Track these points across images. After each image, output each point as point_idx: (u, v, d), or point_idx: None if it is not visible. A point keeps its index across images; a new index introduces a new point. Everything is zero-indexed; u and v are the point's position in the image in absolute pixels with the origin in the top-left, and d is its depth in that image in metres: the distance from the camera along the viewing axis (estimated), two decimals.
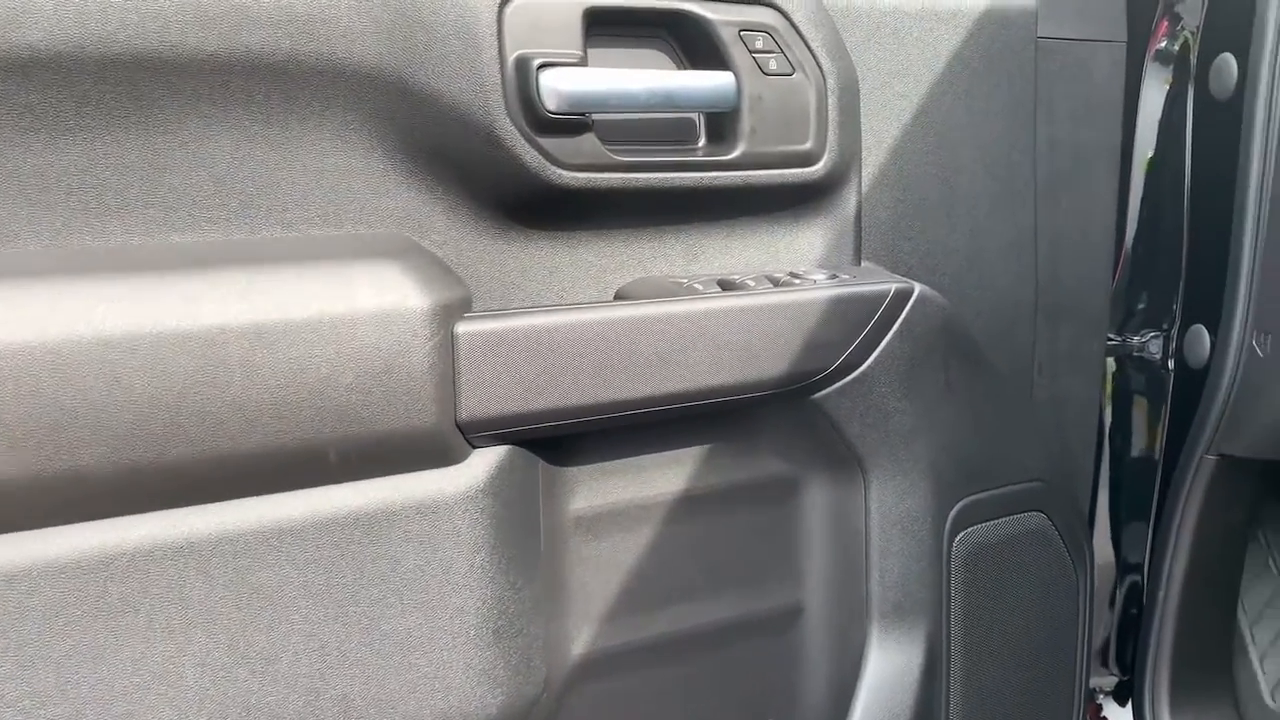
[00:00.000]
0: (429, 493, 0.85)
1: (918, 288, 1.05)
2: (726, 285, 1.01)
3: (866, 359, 1.03)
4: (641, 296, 0.99)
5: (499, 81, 0.89)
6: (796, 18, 1.02)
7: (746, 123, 1.01)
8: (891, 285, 1.04)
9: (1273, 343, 1.25)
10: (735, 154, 1.01)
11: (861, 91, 1.09)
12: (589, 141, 0.94)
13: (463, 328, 0.85)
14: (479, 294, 0.95)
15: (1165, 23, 1.34)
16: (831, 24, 1.06)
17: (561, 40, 0.92)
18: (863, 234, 1.12)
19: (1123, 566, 1.44)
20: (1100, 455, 1.43)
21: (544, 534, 0.95)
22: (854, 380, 1.03)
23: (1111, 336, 1.41)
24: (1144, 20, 1.33)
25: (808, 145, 1.04)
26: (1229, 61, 1.26)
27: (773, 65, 1.01)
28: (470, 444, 0.87)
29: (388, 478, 0.84)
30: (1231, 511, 1.41)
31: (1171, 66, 1.34)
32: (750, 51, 1.00)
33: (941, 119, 1.15)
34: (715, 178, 1.01)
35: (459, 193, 0.92)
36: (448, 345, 0.84)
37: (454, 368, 0.84)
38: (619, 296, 1.01)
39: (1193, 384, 1.35)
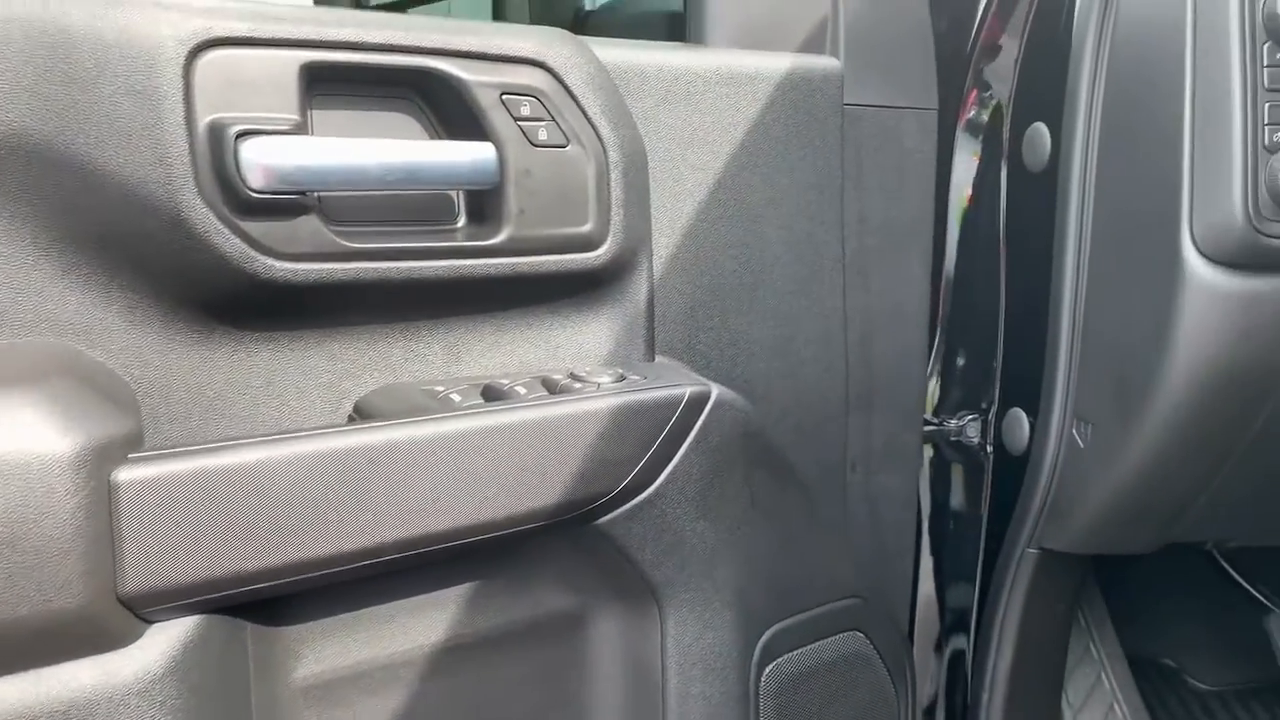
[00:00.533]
0: (84, 687, 0.65)
1: (715, 391, 0.91)
2: (492, 393, 0.84)
3: (659, 476, 0.88)
4: (385, 409, 0.81)
5: (186, 153, 0.71)
6: (570, 80, 0.87)
7: (513, 202, 0.85)
8: (686, 389, 0.89)
9: (1093, 433, 1.18)
10: (500, 238, 0.85)
11: (650, 164, 0.96)
12: (309, 225, 0.76)
13: (125, 474, 0.65)
14: (174, 417, 0.76)
15: (975, 90, 1.27)
16: (613, 87, 0.91)
17: (272, 102, 0.74)
18: (655, 325, 0.98)
19: (947, 670, 1.34)
20: (919, 549, 1.33)
21: (258, 713, 0.75)
22: (645, 501, 0.88)
23: (928, 419, 1.32)
24: (955, 87, 1.25)
25: (588, 227, 0.89)
26: (1041, 132, 1.19)
27: (543, 135, 0.86)
28: (143, 619, 0.67)
29: (24, 674, 0.64)
30: (1056, 604, 1.33)
31: (983, 136, 1.27)
32: (515, 119, 0.84)
33: (741, 193, 1.03)
34: (477, 266, 0.84)
35: (141, 290, 0.73)
36: (103, 499, 0.64)
37: (112, 527, 0.65)
38: (359, 410, 0.83)
39: (1012, 470, 1.27)
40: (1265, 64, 1.00)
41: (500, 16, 1.52)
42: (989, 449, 1.30)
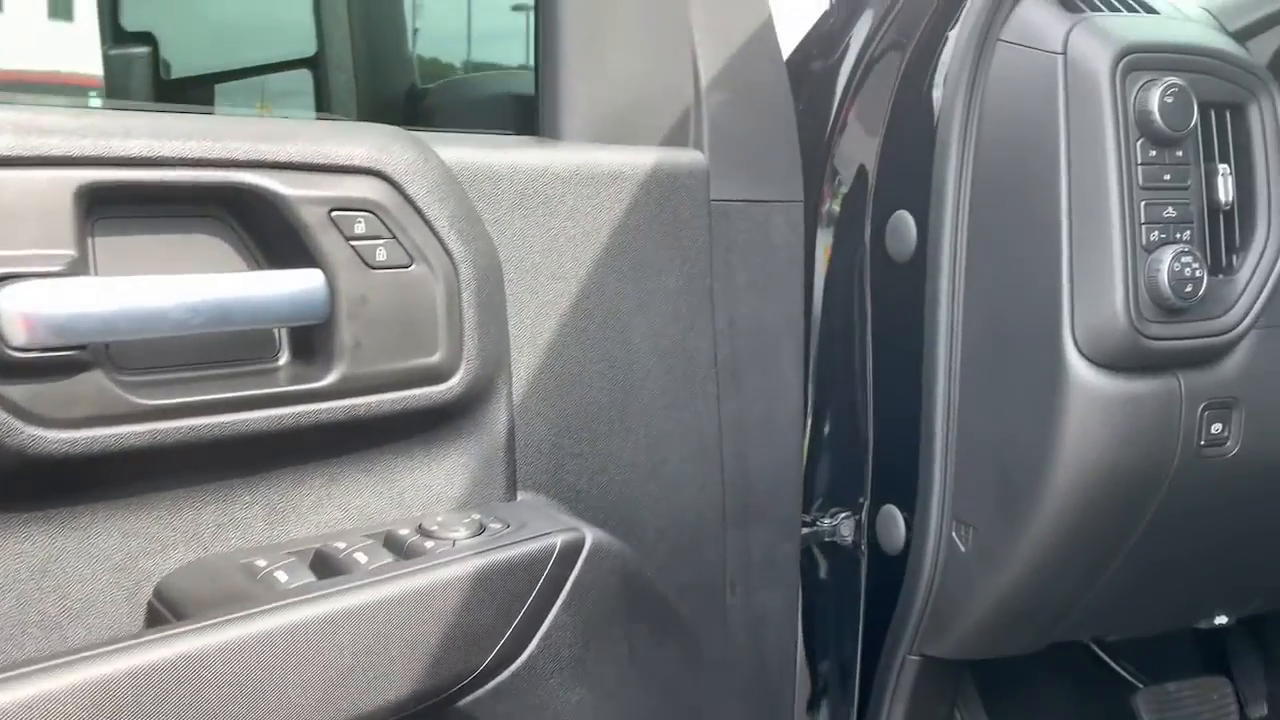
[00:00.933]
0: None
1: (589, 537, 0.80)
2: (326, 564, 0.71)
3: (528, 645, 0.76)
4: (193, 594, 0.67)
5: None
6: (412, 189, 0.75)
7: (346, 335, 0.72)
8: (556, 538, 0.78)
9: (974, 536, 1.12)
10: (331, 379, 0.72)
11: (506, 277, 0.85)
12: (91, 383, 0.62)
13: None
14: None
15: (836, 178, 1.21)
16: (462, 195, 0.80)
17: (40, 235, 0.60)
18: (517, 457, 0.86)
19: None
20: (797, 659, 1.25)
21: None
22: (512, 675, 0.76)
23: (802, 519, 1.25)
24: (816, 176, 1.20)
25: (437, 357, 0.77)
26: (906, 220, 1.14)
27: (382, 255, 0.74)
28: None
29: None
30: (938, 707, 1.27)
31: (847, 226, 1.21)
32: (348, 238, 0.72)
33: (608, 302, 0.93)
34: (304, 413, 0.71)
35: None
36: None
37: None
38: (160, 595, 0.68)
39: (890, 571, 1.20)
40: (1140, 161, 0.98)
41: (323, 95, 1.38)
42: (864, 548, 1.24)
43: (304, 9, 1.36)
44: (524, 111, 1.01)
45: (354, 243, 0.72)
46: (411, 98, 1.41)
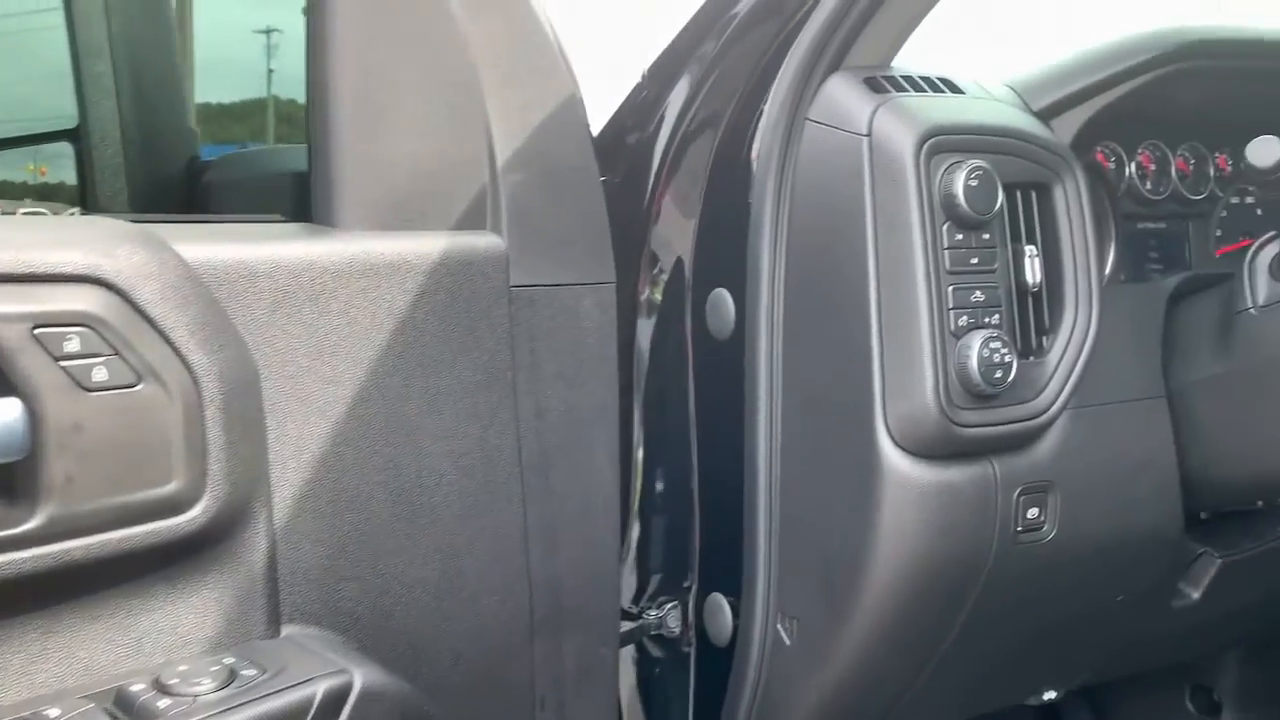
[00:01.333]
0: None
1: (358, 679, 0.71)
2: None
3: None
4: None
5: None
6: (141, 297, 0.66)
7: (55, 470, 0.62)
8: (317, 686, 0.69)
9: (799, 629, 1.08)
10: (35, 522, 0.62)
11: (266, 387, 0.76)
12: None
13: None
14: None
15: (654, 257, 1.17)
16: (207, 298, 0.71)
17: None
18: (282, 587, 0.77)
19: None
20: None
21: None
22: None
23: (627, 610, 1.18)
24: (632, 256, 1.14)
25: (171, 486, 0.68)
26: (724, 298, 1.10)
27: (101, 375, 0.64)
28: None
29: None
30: None
31: (666, 305, 1.16)
32: (57, 359, 0.62)
33: (390, 405, 0.85)
34: (3, 564, 0.61)
35: None
36: None
37: None
38: None
39: (718, 663, 1.15)
40: (946, 245, 0.96)
41: (87, 171, 1.25)
42: (692, 638, 1.18)
43: (63, 75, 1.23)
44: (301, 193, 0.93)
45: (65, 363, 0.63)
46: (192, 173, 1.29)
